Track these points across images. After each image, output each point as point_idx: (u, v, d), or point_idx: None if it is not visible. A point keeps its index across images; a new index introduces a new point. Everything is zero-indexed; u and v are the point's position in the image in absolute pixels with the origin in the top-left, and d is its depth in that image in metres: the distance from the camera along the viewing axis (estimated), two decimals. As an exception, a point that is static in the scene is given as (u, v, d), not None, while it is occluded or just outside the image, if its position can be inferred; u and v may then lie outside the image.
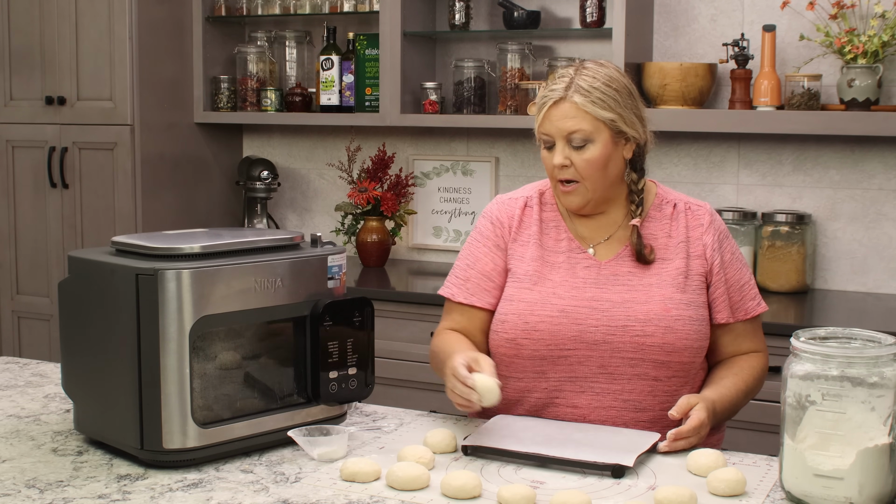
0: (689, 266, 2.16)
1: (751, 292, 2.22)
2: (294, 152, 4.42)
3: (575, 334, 2.11)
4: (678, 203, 2.22)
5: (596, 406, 2.13)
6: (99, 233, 4.05)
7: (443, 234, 4.15)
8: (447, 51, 4.10)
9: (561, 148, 2.11)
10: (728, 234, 2.24)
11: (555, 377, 2.14)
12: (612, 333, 2.10)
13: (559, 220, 2.23)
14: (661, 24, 3.74)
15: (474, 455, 1.90)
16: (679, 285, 2.13)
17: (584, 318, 2.12)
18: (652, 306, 2.11)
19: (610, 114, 2.09)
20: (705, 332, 2.15)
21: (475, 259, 2.24)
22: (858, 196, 3.54)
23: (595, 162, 2.10)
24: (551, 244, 2.21)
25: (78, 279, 1.96)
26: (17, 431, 2.07)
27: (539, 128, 2.13)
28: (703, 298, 2.16)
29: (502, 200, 2.28)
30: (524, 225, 2.23)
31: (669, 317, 2.10)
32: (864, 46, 3.25)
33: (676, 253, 2.17)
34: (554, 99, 2.10)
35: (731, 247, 2.22)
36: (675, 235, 2.18)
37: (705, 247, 2.17)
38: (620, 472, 1.82)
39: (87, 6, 4.00)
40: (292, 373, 2.01)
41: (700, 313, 2.14)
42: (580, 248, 2.19)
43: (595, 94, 2.09)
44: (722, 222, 2.24)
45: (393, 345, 3.53)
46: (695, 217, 2.20)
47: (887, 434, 1.65)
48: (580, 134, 2.09)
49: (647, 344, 2.09)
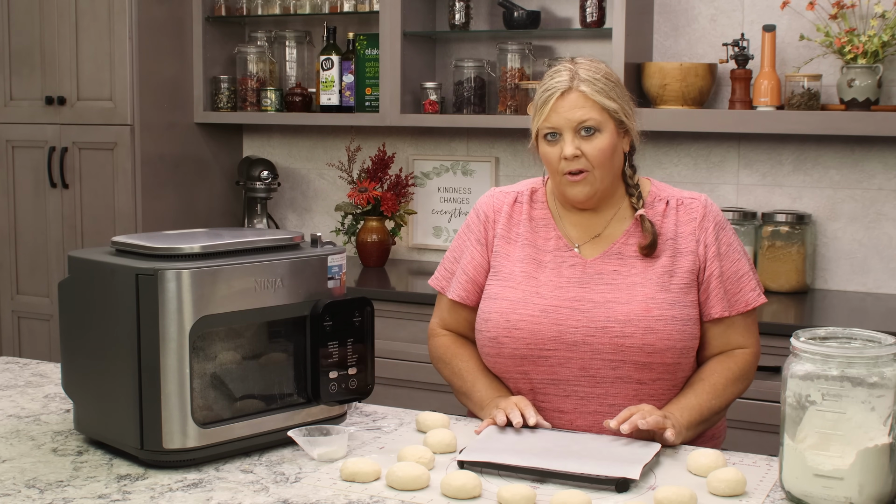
0: (676, 264, 2.13)
1: (749, 284, 2.17)
2: (294, 152, 4.42)
3: (555, 335, 2.11)
4: (670, 200, 2.20)
5: (581, 411, 2.12)
6: (99, 233, 4.05)
7: (443, 234, 4.15)
8: (447, 51, 4.10)
9: (570, 139, 2.10)
10: (725, 224, 2.20)
11: (537, 378, 2.14)
12: (591, 335, 2.09)
13: (549, 219, 2.23)
14: (661, 24, 3.74)
15: (471, 469, 1.83)
16: (663, 284, 2.11)
17: (565, 319, 2.11)
18: (633, 306, 2.09)
19: (613, 104, 2.11)
20: (691, 332, 2.11)
21: (460, 253, 2.29)
22: (858, 196, 3.54)
23: (605, 150, 2.11)
24: (541, 242, 2.21)
25: (78, 279, 1.96)
26: (17, 431, 2.07)
27: (544, 122, 2.12)
28: (690, 297, 2.13)
29: (493, 193, 2.30)
30: (513, 222, 2.24)
31: (650, 317, 2.08)
32: (864, 46, 3.25)
33: (663, 251, 2.14)
34: (561, 90, 2.10)
35: (727, 238, 2.18)
36: (664, 233, 2.16)
37: (697, 242, 2.15)
38: (625, 486, 1.77)
39: (87, 6, 4.00)
40: (292, 373, 2.01)
41: (685, 313, 2.11)
42: (567, 247, 2.19)
43: (599, 84, 2.10)
44: (718, 213, 2.19)
45: (393, 345, 3.53)
46: (687, 212, 2.18)
47: (887, 434, 1.65)
48: (591, 122, 2.09)
49: (626, 345, 2.07)
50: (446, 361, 2.28)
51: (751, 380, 2.19)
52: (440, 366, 2.31)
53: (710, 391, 2.10)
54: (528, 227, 2.22)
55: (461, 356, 2.26)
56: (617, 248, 2.16)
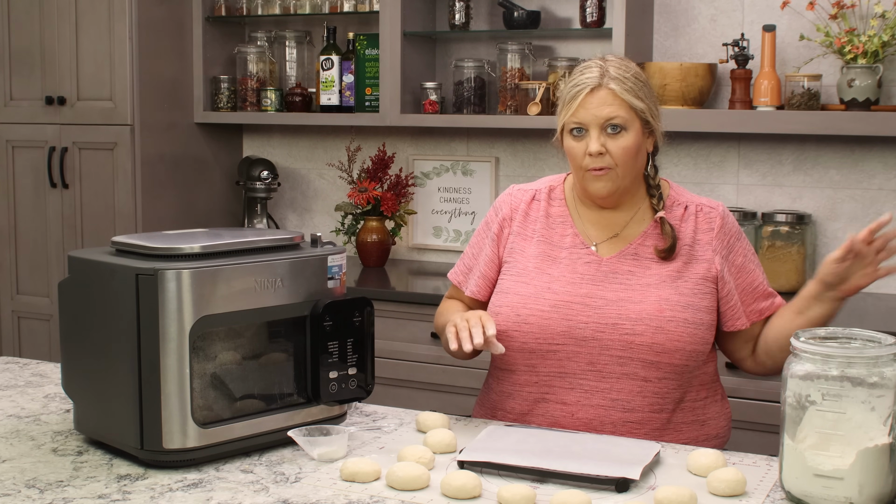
0: (691, 269, 2.14)
1: (764, 292, 2.20)
2: (294, 152, 4.42)
3: (564, 329, 2.11)
4: (689, 205, 2.21)
5: (584, 404, 2.12)
6: (99, 233, 4.05)
7: (443, 234, 4.15)
8: (447, 51, 4.09)
9: (596, 135, 2.11)
10: (741, 235, 2.22)
11: (545, 372, 2.14)
12: (601, 331, 2.10)
13: (566, 216, 2.23)
14: (661, 24, 3.74)
15: (471, 470, 1.83)
16: (677, 287, 2.12)
17: (575, 315, 2.12)
18: (645, 306, 2.10)
19: (641, 104, 2.13)
20: (702, 337, 2.12)
21: (479, 249, 2.32)
22: (858, 196, 3.54)
23: (630, 149, 2.12)
24: (556, 239, 2.22)
25: (78, 279, 1.96)
26: (17, 431, 2.07)
27: (571, 117, 2.12)
28: (705, 303, 2.13)
29: (512, 191, 2.31)
30: (530, 219, 2.25)
31: (662, 317, 2.09)
32: (864, 46, 3.25)
33: (679, 255, 2.16)
34: (591, 86, 2.11)
35: (743, 249, 2.20)
36: (682, 238, 2.17)
37: (714, 252, 2.16)
38: (625, 486, 1.77)
39: (87, 6, 4.00)
40: (292, 373, 2.01)
41: (699, 317, 2.11)
42: (584, 244, 2.20)
43: (628, 83, 2.12)
44: (735, 223, 2.22)
45: (393, 345, 3.53)
46: (706, 220, 2.19)
47: (887, 434, 1.65)
48: (618, 120, 2.10)
49: (635, 343, 2.08)
50: (441, 312, 2.35)
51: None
52: (438, 319, 2.35)
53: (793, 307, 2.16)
54: (545, 224, 2.24)
55: (456, 307, 2.31)
56: (633, 248, 2.17)
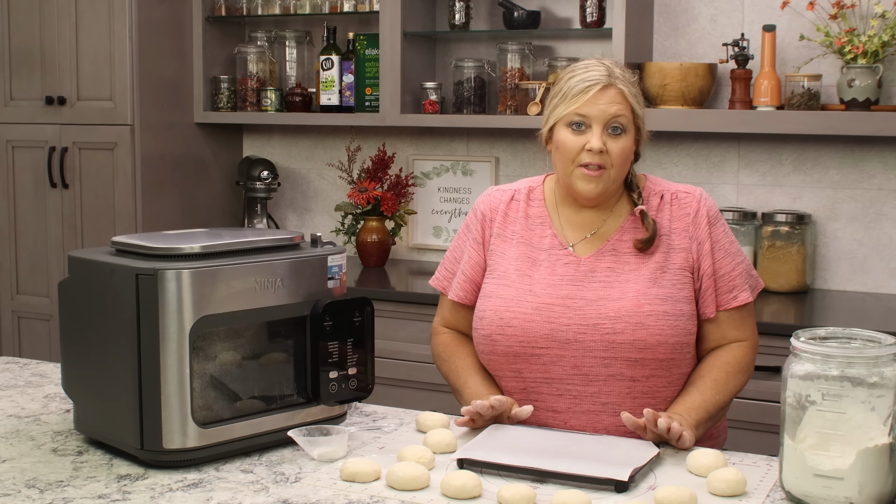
0: (669, 260, 2.14)
1: (738, 280, 2.16)
2: (294, 152, 4.42)
3: (547, 332, 2.11)
4: (665, 194, 2.20)
5: (575, 410, 2.12)
6: (99, 233, 4.05)
7: (443, 234, 4.15)
8: (447, 51, 4.10)
9: (599, 132, 2.10)
10: (718, 219, 2.19)
11: (530, 377, 2.14)
12: (583, 332, 2.09)
13: (545, 217, 2.23)
14: (661, 24, 3.74)
15: (470, 469, 1.83)
16: (656, 280, 2.11)
17: (557, 317, 2.11)
18: (623, 303, 2.09)
19: (641, 110, 2.15)
20: (684, 328, 2.10)
21: (460, 253, 2.31)
22: (858, 196, 3.54)
23: (626, 151, 2.13)
24: (536, 240, 2.21)
25: (78, 279, 1.96)
26: (17, 431, 2.07)
27: (576, 109, 2.10)
28: (684, 293, 2.12)
29: (491, 192, 2.31)
30: (509, 219, 2.25)
31: (641, 313, 2.08)
32: (864, 46, 3.25)
33: (657, 246, 2.15)
34: (602, 83, 2.11)
35: (718, 233, 2.18)
36: (660, 227, 2.16)
37: (690, 239, 2.15)
38: (625, 486, 1.76)
39: (87, 6, 4.00)
40: (292, 373, 2.01)
41: (678, 308, 2.10)
42: (562, 245, 2.19)
43: (633, 88, 2.15)
44: (712, 207, 2.19)
45: (393, 345, 3.53)
46: (681, 207, 2.18)
47: (887, 434, 1.65)
48: (623, 120, 2.11)
49: (617, 342, 2.08)
50: (444, 359, 2.30)
51: (751, 372, 2.18)
52: (439, 363, 2.32)
53: (713, 386, 2.10)
54: (524, 225, 2.23)
55: (459, 354, 2.28)
56: (611, 244, 2.17)
